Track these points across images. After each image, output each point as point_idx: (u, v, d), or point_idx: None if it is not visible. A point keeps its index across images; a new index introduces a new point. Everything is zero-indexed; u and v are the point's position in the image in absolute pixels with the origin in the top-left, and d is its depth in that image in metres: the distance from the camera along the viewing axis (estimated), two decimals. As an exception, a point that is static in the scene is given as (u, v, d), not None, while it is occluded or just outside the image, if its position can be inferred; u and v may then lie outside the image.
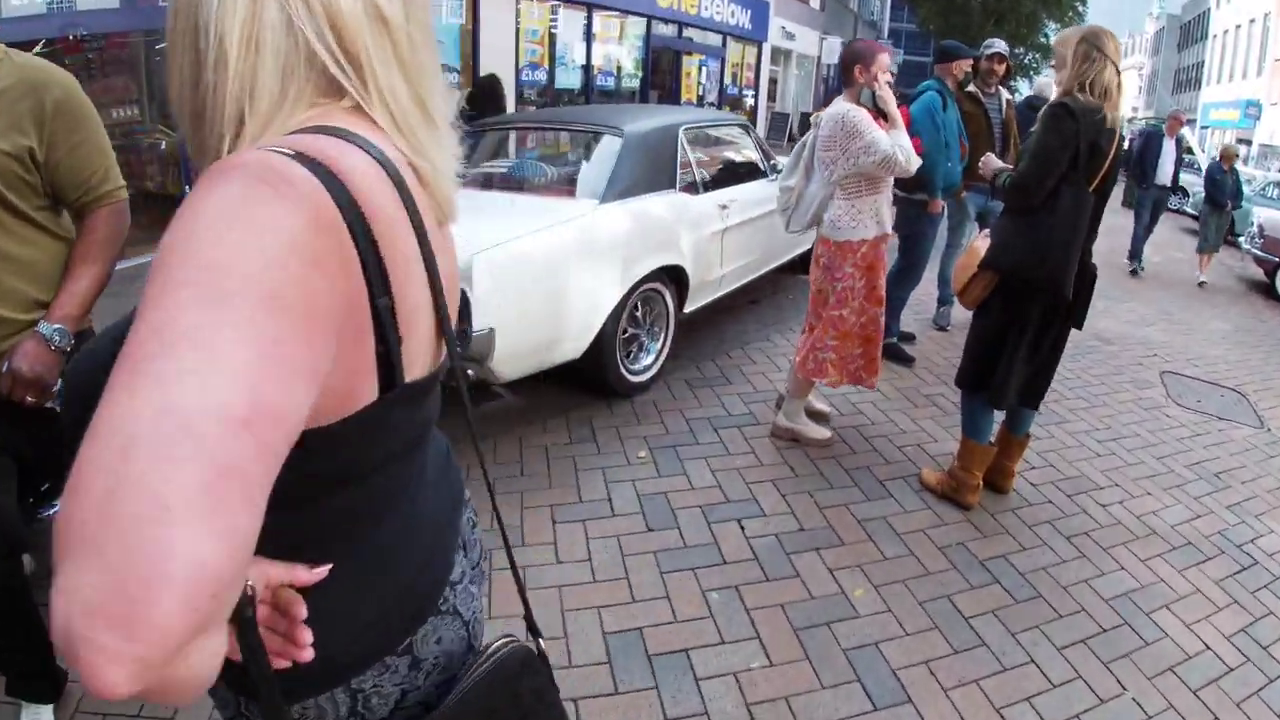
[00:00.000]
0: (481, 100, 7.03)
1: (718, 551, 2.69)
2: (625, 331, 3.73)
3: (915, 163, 3.06)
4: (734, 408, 3.86)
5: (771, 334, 4.96)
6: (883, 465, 3.39)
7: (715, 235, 4.23)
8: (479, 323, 2.85)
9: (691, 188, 4.15)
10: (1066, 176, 2.61)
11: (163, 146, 8.00)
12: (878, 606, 2.47)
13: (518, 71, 10.93)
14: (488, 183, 4.10)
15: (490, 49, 10.22)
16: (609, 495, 3.01)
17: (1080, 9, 27.07)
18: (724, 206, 4.31)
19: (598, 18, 12.57)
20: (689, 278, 4.01)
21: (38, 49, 7.14)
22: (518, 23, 10.80)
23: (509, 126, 4.73)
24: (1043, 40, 28.36)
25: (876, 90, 3.04)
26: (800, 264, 5.57)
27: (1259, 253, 9.01)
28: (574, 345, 3.37)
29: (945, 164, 4.45)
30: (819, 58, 24.74)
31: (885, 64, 3.09)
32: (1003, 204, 2.89)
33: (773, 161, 5.08)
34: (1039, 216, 2.65)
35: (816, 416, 3.73)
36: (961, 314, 5.10)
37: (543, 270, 3.16)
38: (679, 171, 4.05)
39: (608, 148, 3.87)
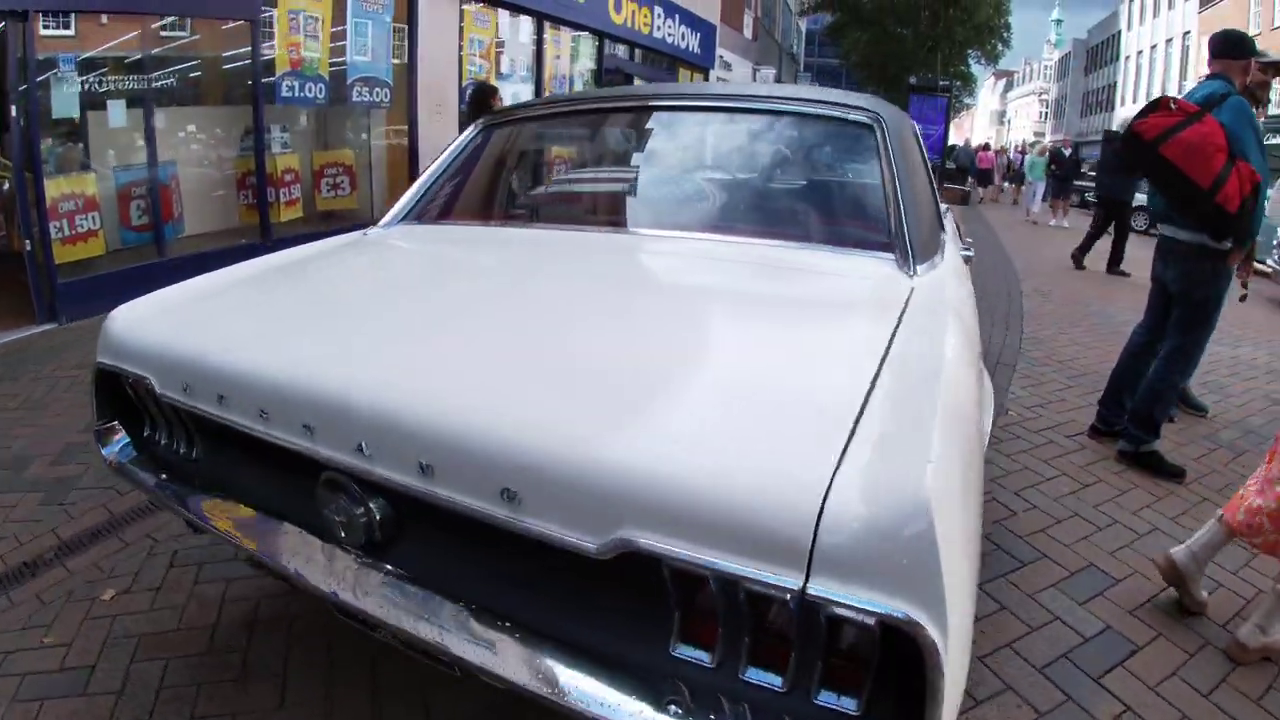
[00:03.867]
0: (472, 119, 5.55)
1: None
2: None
3: None
4: None
5: (1083, 507, 2.97)
6: None
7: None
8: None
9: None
10: None
11: (5, 188, 5.51)
12: None
13: (461, 89, 8.94)
14: (577, 212, 2.08)
15: (430, 56, 8.18)
16: None
17: (1006, 35, 27.48)
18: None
19: (549, 31, 10.73)
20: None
21: None
22: (461, 31, 8.81)
23: (598, 107, 2.45)
24: (964, 69, 28.57)
25: None
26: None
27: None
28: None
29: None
30: (752, 89, 23.86)
31: None
32: None
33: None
34: None
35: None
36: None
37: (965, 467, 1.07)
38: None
39: (857, 151, 1.97)
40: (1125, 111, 34.98)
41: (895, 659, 0.87)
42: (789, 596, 0.85)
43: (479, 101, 6.08)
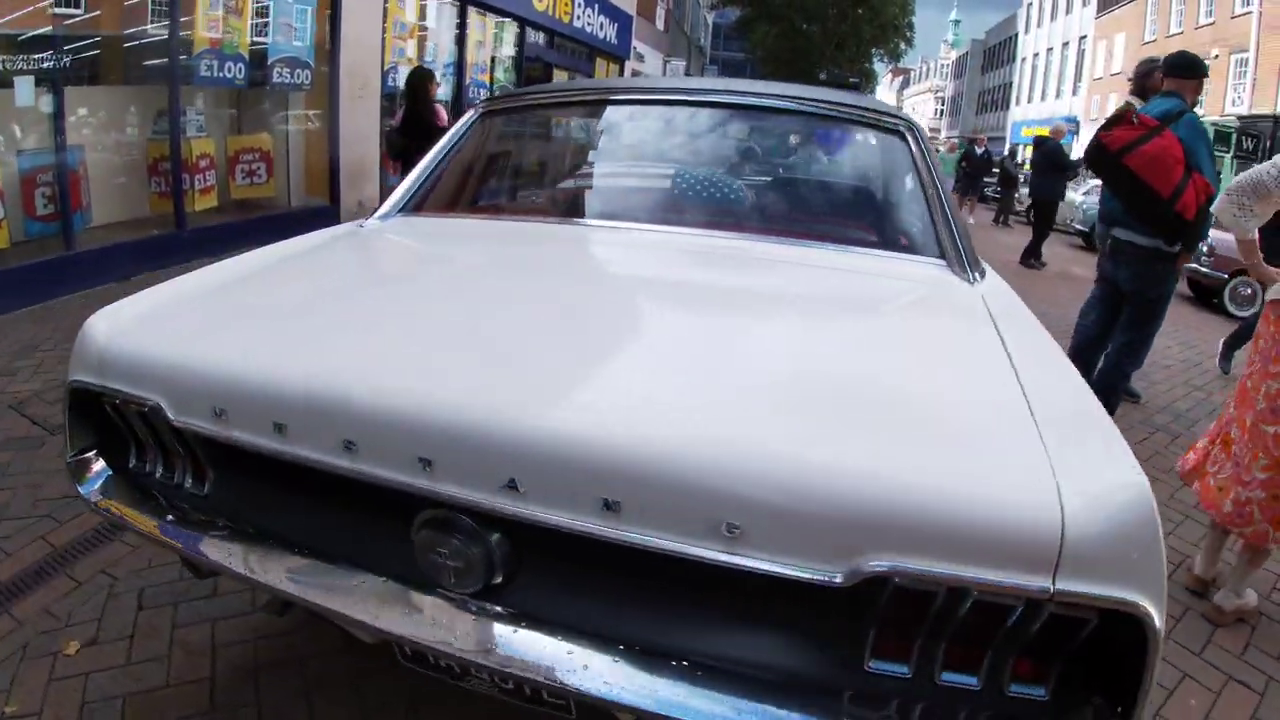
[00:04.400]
0: (409, 105, 5.81)
1: None
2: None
3: None
4: None
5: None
6: None
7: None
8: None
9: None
10: None
11: None
12: None
13: (384, 72, 8.53)
14: (615, 208, 1.98)
15: (353, 37, 7.74)
16: None
17: (910, 35, 28.62)
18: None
19: (473, 15, 10.37)
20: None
21: None
22: (385, 12, 8.39)
23: (619, 98, 2.34)
24: (867, 66, 29.58)
25: None
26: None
27: (1209, 270, 8.80)
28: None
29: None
30: (663, 82, 24.03)
31: None
32: None
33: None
34: None
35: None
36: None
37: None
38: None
39: (893, 159, 1.95)
40: (1020, 111, 37.14)
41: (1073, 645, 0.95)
42: (1030, 599, 0.88)
43: (415, 87, 5.86)
